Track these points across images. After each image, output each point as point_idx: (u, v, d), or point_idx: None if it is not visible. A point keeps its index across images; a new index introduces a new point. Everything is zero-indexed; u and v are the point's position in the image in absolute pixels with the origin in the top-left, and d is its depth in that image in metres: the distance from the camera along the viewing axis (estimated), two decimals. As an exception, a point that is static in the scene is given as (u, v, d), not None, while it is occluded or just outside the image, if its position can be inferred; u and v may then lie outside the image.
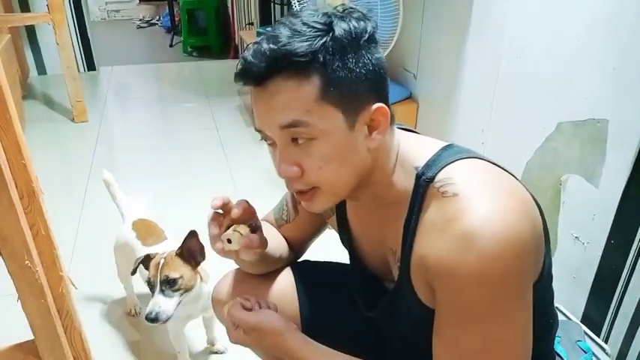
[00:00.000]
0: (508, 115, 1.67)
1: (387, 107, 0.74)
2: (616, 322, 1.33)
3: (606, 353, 1.33)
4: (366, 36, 0.71)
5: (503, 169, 0.77)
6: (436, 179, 0.73)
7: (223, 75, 4.39)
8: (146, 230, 1.58)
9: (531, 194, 0.75)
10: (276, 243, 1.05)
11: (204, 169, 2.82)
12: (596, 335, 1.36)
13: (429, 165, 0.76)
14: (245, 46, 3.17)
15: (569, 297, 1.44)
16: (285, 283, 1.09)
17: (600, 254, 1.34)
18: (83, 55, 4.39)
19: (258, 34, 3.10)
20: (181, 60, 4.99)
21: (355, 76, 0.70)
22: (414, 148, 0.80)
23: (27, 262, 0.91)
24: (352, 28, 0.70)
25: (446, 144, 0.80)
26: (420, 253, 0.74)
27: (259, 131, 0.76)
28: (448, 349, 0.72)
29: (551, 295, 0.87)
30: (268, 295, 1.07)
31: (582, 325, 1.36)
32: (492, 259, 0.65)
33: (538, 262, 0.74)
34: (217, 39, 5.09)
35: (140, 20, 6.63)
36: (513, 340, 0.70)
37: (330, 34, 0.68)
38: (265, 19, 3.79)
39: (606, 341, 1.35)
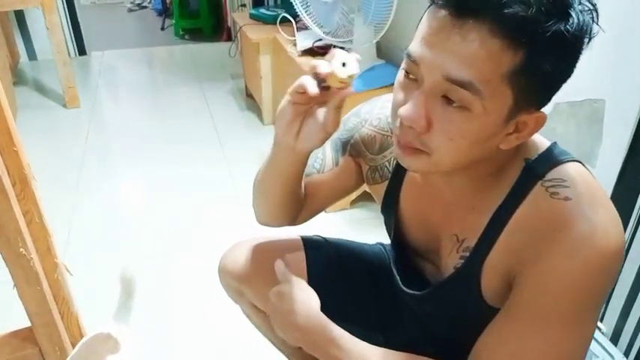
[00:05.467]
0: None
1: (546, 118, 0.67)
2: (611, 301, 1.34)
3: (601, 332, 1.34)
4: (588, 39, 0.62)
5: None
6: (546, 177, 0.69)
7: (216, 58, 4.34)
8: None
9: None
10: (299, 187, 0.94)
11: (198, 153, 2.80)
12: (592, 314, 1.37)
13: (539, 160, 0.71)
14: (238, 28, 3.13)
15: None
16: (295, 255, 1.07)
17: (596, 234, 1.34)
18: (74, 40, 4.32)
19: (251, 16, 3.07)
20: (173, 43, 4.92)
21: (552, 78, 0.63)
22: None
23: (21, 249, 0.91)
24: (582, 21, 0.59)
25: (551, 142, 0.75)
26: (508, 248, 0.71)
27: (414, 61, 0.64)
28: (505, 348, 0.70)
29: None
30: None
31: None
32: (597, 271, 0.65)
33: None
34: (209, 21, 5.02)
35: (131, 3, 6.52)
36: (576, 349, 0.69)
37: (564, 22, 0.58)
38: (258, 0, 3.74)
39: (601, 320, 1.37)
